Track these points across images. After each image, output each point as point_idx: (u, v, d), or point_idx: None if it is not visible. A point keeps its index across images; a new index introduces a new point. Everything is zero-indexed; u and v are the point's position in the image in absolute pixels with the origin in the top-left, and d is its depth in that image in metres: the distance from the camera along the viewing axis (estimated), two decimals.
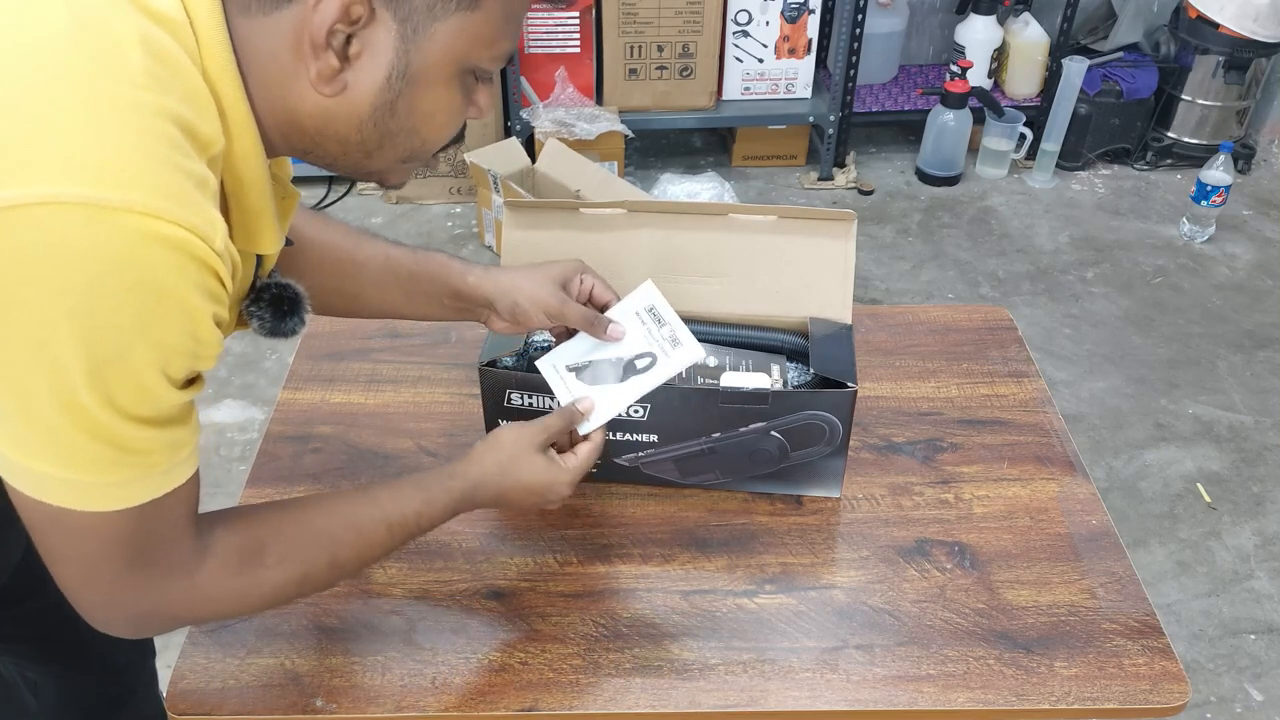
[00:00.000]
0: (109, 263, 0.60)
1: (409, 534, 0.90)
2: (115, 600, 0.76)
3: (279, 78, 0.71)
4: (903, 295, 2.87)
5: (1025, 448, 1.23)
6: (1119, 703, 0.97)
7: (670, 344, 1.04)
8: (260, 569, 0.81)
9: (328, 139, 0.75)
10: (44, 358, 0.62)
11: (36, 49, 0.62)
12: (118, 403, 0.64)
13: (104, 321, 0.62)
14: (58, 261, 0.59)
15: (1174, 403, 2.53)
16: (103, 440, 0.66)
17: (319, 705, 0.95)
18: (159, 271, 0.62)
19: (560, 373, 1.05)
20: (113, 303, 0.61)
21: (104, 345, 0.62)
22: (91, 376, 0.63)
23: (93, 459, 0.66)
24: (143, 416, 0.66)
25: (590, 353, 1.06)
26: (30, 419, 0.64)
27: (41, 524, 0.70)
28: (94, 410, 0.64)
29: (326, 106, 0.72)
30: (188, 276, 0.64)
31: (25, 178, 0.59)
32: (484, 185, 2.86)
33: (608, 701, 0.96)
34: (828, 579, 1.08)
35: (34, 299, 0.60)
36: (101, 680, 1.29)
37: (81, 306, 0.61)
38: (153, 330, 0.64)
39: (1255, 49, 3.18)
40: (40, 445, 0.65)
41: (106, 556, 0.72)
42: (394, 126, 0.74)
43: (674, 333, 1.04)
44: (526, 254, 1.19)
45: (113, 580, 0.74)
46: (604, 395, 1.02)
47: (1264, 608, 2.04)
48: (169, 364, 0.66)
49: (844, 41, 3.12)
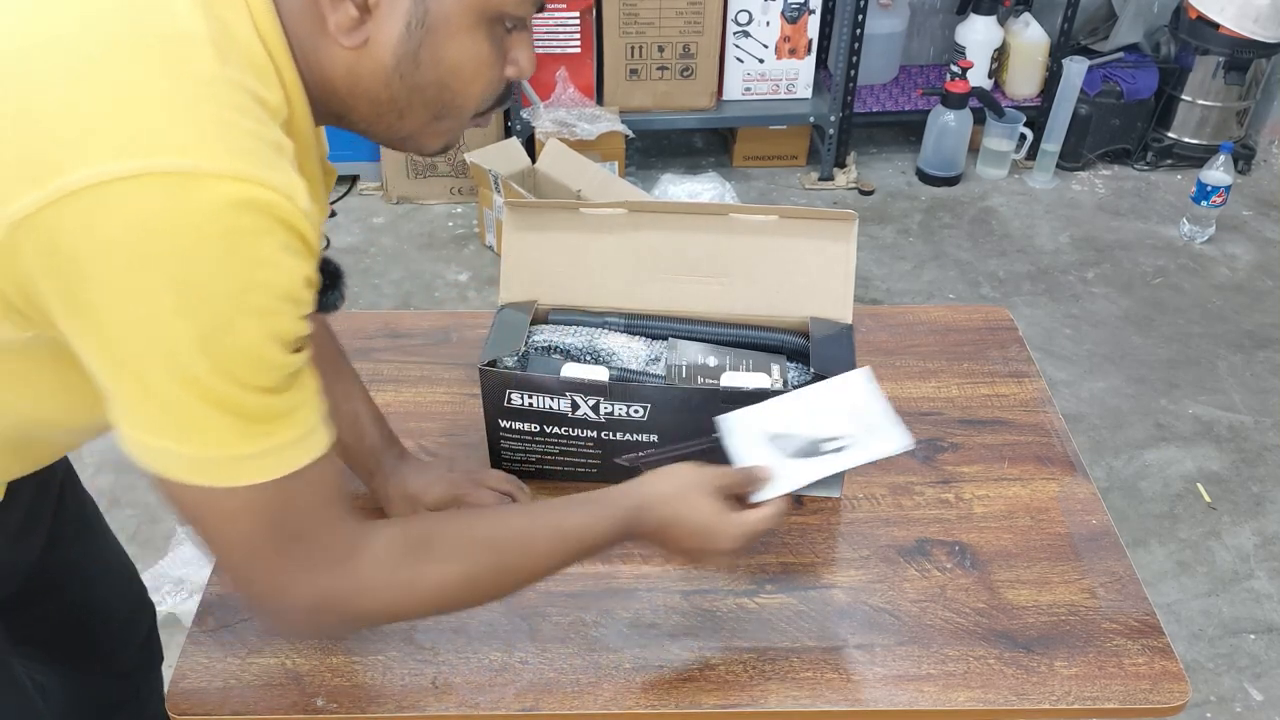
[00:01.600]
0: (203, 231, 0.61)
1: (573, 549, 0.87)
2: (279, 590, 0.75)
3: (310, 34, 0.71)
4: (903, 295, 2.87)
5: (1025, 448, 1.23)
6: (1119, 702, 0.97)
7: (873, 429, 0.98)
8: (426, 562, 0.79)
9: (359, 99, 0.75)
10: (154, 332, 0.62)
11: (100, 24, 0.63)
12: (232, 371, 0.65)
13: (205, 289, 0.62)
14: (153, 234, 0.60)
15: (1174, 403, 2.53)
16: (223, 409, 0.65)
17: (320, 705, 0.95)
18: (251, 236, 0.63)
19: (746, 433, 0.99)
20: (211, 270, 0.62)
21: (208, 312, 0.63)
22: (202, 345, 0.63)
23: (217, 430, 0.66)
24: (259, 384, 0.66)
25: (783, 422, 0.99)
26: (150, 397, 0.65)
27: (189, 510, 0.70)
28: (209, 380, 0.64)
29: (352, 62, 0.72)
30: (277, 238, 0.64)
31: (109, 155, 0.60)
32: (485, 185, 2.86)
33: (608, 701, 0.96)
34: (828, 579, 1.08)
35: (135, 274, 0.61)
36: (109, 684, 1.29)
37: (181, 277, 0.61)
38: (253, 294, 0.64)
39: (1255, 49, 3.18)
40: (165, 422, 0.66)
41: (256, 539, 0.71)
42: (420, 80, 0.74)
43: (879, 419, 0.99)
44: (527, 255, 1.19)
45: (270, 566, 0.73)
46: (789, 468, 0.95)
47: (1264, 608, 2.04)
48: (274, 326, 0.66)
49: (844, 42, 3.13)
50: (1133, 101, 3.30)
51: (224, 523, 0.71)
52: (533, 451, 1.15)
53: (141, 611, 1.29)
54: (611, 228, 1.17)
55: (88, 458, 2.24)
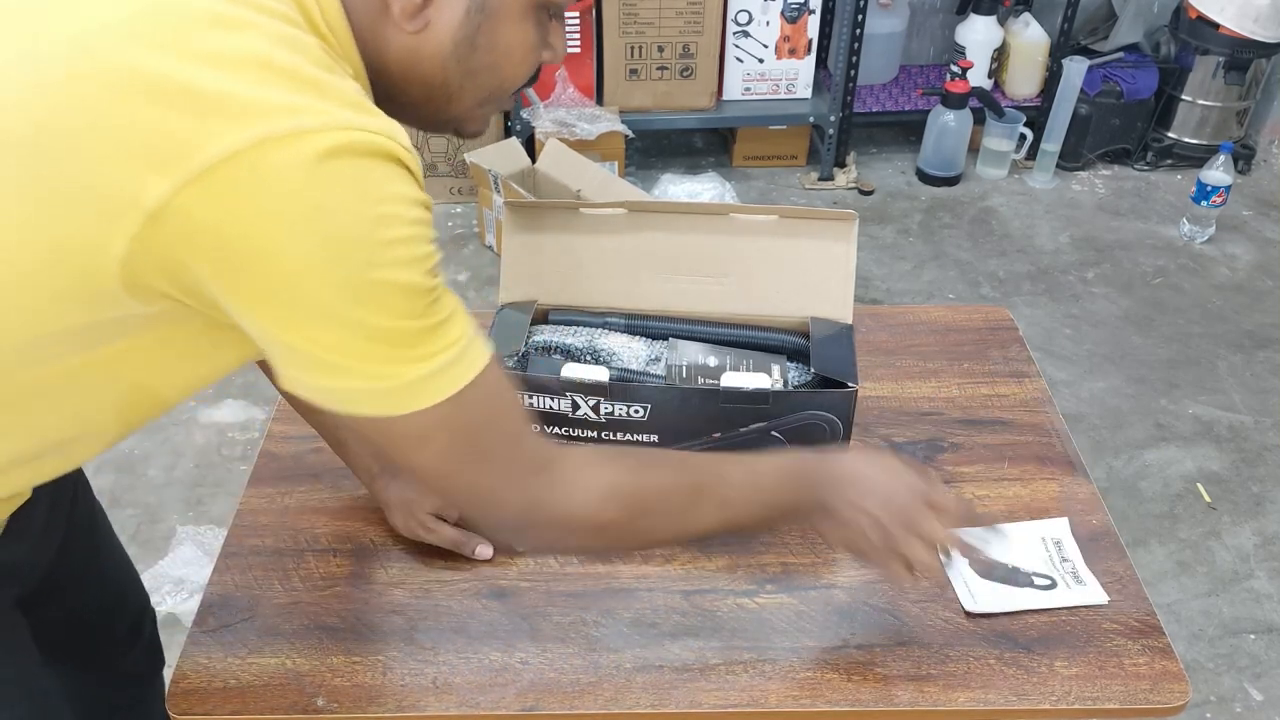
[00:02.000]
0: (326, 181, 0.64)
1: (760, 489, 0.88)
2: (487, 503, 0.80)
3: (370, 22, 0.74)
4: (903, 295, 2.87)
5: (1026, 448, 1.23)
6: (1119, 702, 0.97)
7: (1073, 578, 1.07)
8: (627, 469, 0.83)
9: (412, 83, 0.77)
10: (308, 287, 0.66)
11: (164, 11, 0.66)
12: (386, 304, 0.68)
13: (343, 235, 0.65)
14: (283, 195, 0.63)
15: (1174, 403, 2.53)
16: (387, 343, 0.69)
17: (320, 705, 0.95)
18: (369, 175, 0.66)
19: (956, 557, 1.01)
20: (343, 215, 0.65)
21: (352, 255, 0.66)
22: (354, 288, 0.66)
23: (386, 363, 0.70)
24: (412, 311, 0.69)
25: (992, 550, 1.01)
26: (318, 346, 0.68)
27: (390, 442, 0.75)
28: (368, 319, 0.68)
29: (411, 46, 0.75)
30: (391, 171, 0.68)
31: (223, 130, 0.62)
32: (485, 185, 2.86)
33: (608, 701, 0.96)
34: (828, 579, 1.08)
35: (276, 238, 0.64)
36: (114, 688, 1.29)
37: (319, 229, 0.64)
38: (386, 228, 0.67)
39: (1255, 49, 3.18)
40: (338, 365, 0.69)
41: (452, 456, 0.76)
42: (475, 63, 0.77)
43: (1075, 568, 1.08)
44: (527, 255, 1.19)
45: (473, 480, 0.78)
46: (996, 591, 1.05)
47: (1264, 608, 2.04)
48: (412, 252, 0.69)
49: (844, 42, 3.13)
50: (1133, 101, 3.30)
51: (418, 446, 0.75)
52: None
53: (144, 615, 1.29)
54: (611, 228, 1.17)
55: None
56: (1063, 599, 1.05)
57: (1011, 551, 1.09)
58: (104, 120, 0.64)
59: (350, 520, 1.13)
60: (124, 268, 0.66)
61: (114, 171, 0.64)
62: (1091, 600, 1.05)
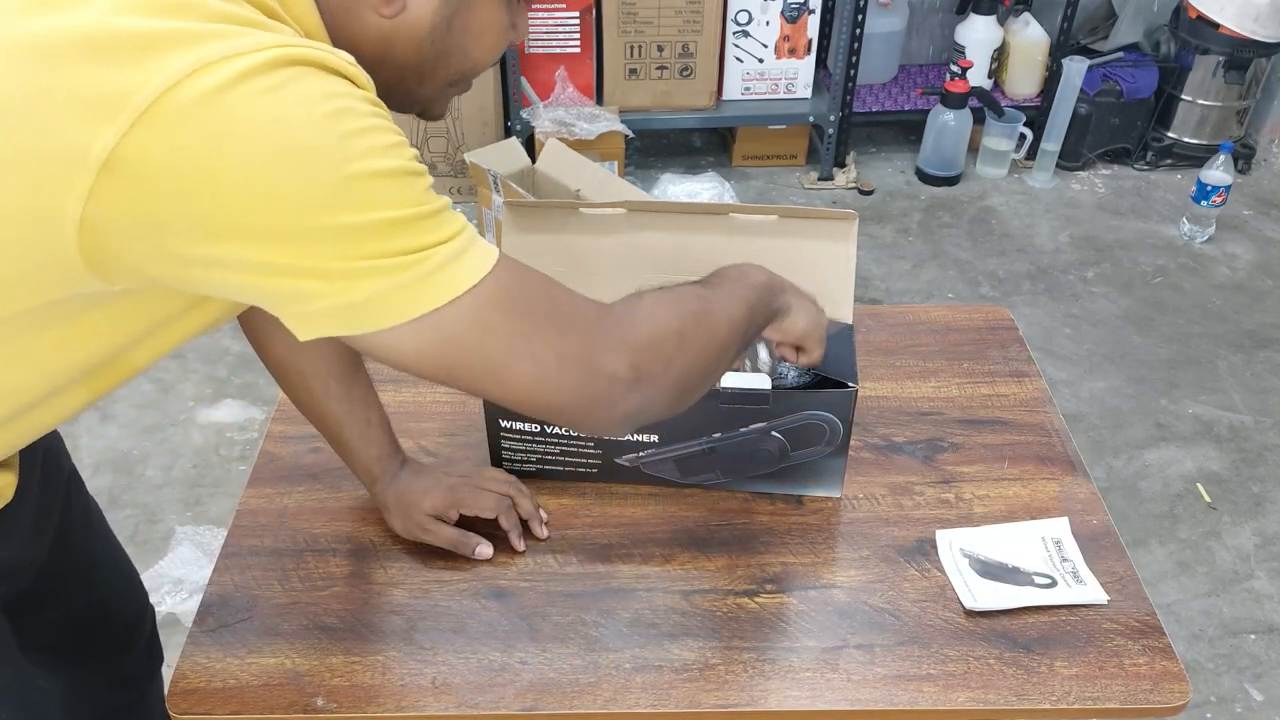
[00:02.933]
0: (273, 89, 0.62)
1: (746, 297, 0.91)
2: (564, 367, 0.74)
3: (342, 6, 0.73)
4: (903, 295, 2.87)
5: (1025, 447, 1.23)
6: (1119, 703, 0.97)
7: (1073, 577, 1.07)
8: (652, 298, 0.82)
9: (385, 66, 0.76)
10: (285, 208, 0.63)
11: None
12: (379, 195, 0.65)
13: (301, 142, 0.63)
14: (228, 113, 0.61)
15: (1174, 403, 2.53)
16: (394, 232, 0.66)
17: (319, 705, 0.95)
18: (312, 80, 0.64)
19: (956, 557, 1.09)
20: (295, 121, 0.63)
21: (320, 162, 0.63)
22: (334, 192, 0.63)
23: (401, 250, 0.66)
24: (410, 196, 0.67)
25: (993, 549, 1.10)
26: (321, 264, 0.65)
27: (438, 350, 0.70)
28: (365, 214, 0.64)
29: (387, 30, 0.75)
30: (334, 80, 0.66)
31: (164, 65, 0.61)
32: (484, 185, 2.86)
33: (608, 701, 0.96)
34: (828, 579, 1.08)
35: (235, 162, 0.62)
36: (114, 689, 1.29)
37: (274, 142, 0.62)
38: (343, 120, 0.64)
39: (1255, 49, 3.18)
40: (360, 274, 0.65)
41: (518, 327, 0.72)
42: (450, 45, 0.77)
43: (1075, 568, 1.08)
44: (527, 254, 1.18)
45: (560, 351, 0.74)
46: (996, 590, 1.06)
47: (1264, 608, 2.04)
48: (381, 140, 0.66)
49: (844, 41, 3.13)
50: (1132, 101, 3.30)
51: (476, 333, 0.70)
52: (533, 451, 1.15)
53: (143, 615, 1.29)
54: (611, 228, 1.17)
55: (87, 458, 2.24)
56: (1063, 598, 1.05)
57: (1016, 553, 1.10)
58: (42, 86, 0.62)
59: (349, 520, 1.13)
60: (82, 233, 0.63)
61: (59, 134, 0.61)
62: (1091, 600, 1.05)
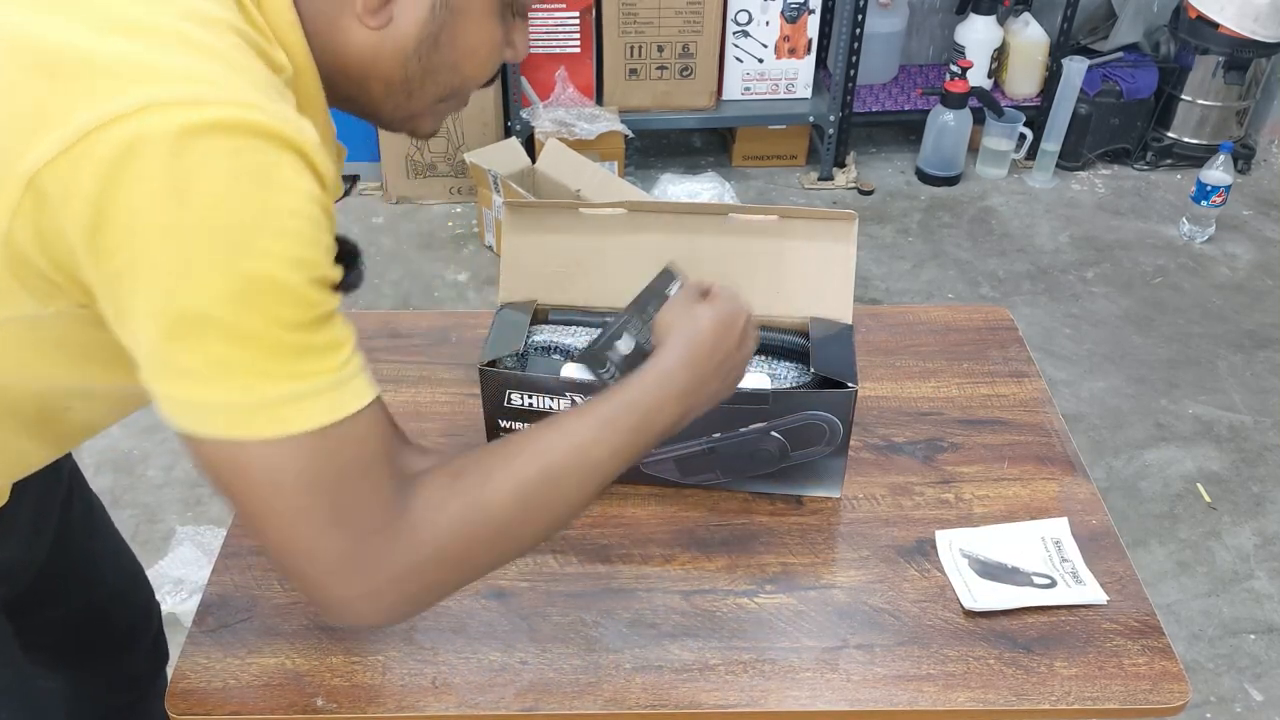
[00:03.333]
0: (214, 155, 0.60)
1: (631, 426, 0.82)
2: (334, 569, 0.69)
3: (327, 17, 0.71)
4: (903, 295, 2.87)
5: (1025, 448, 1.23)
6: (1119, 703, 0.97)
7: (1072, 578, 1.07)
8: (470, 491, 0.74)
9: (372, 79, 0.75)
10: (176, 264, 0.60)
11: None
12: (258, 302, 0.62)
13: (221, 213, 0.60)
14: (164, 163, 0.59)
15: (1174, 403, 2.53)
16: (254, 347, 0.62)
17: (319, 705, 0.95)
18: (260, 157, 0.62)
19: (956, 557, 1.09)
20: (224, 193, 0.60)
21: (227, 237, 0.61)
22: (225, 274, 0.61)
23: (249, 371, 0.63)
24: (288, 318, 0.63)
25: (993, 549, 1.10)
26: (177, 340, 0.62)
27: (227, 473, 0.66)
28: (237, 313, 0.61)
29: (373, 43, 0.73)
30: (286, 160, 0.63)
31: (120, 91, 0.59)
32: (484, 185, 2.86)
33: (608, 701, 0.96)
34: (828, 579, 1.08)
35: (151, 206, 0.60)
36: (116, 688, 1.29)
37: (196, 202, 0.60)
38: (270, 216, 0.62)
39: (1255, 49, 3.18)
40: (196, 368, 0.62)
41: (301, 506, 0.66)
42: (438, 61, 0.75)
43: (1075, 568, 1.08)
44: (527, 254, 1.19)
45: (320, 542, 0.68)
46: (997, 590, 1.06)
47: (1264, 608, 2.04)
48: (295, 249, 0.63)
49: (844, 41, 3.12)
50: (1132, 101, 3.30)
51: (266, 482, 0.65)
52: None
53: (149, 614, 1.29)
54: (611, 228, 1.17)
55: (88, 458, 2.24)
56: (1062, 598, 1.05)
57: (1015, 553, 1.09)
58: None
59: None
60: (6, 247, 0.62)
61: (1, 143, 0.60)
62: (1091, 600, 1.05)
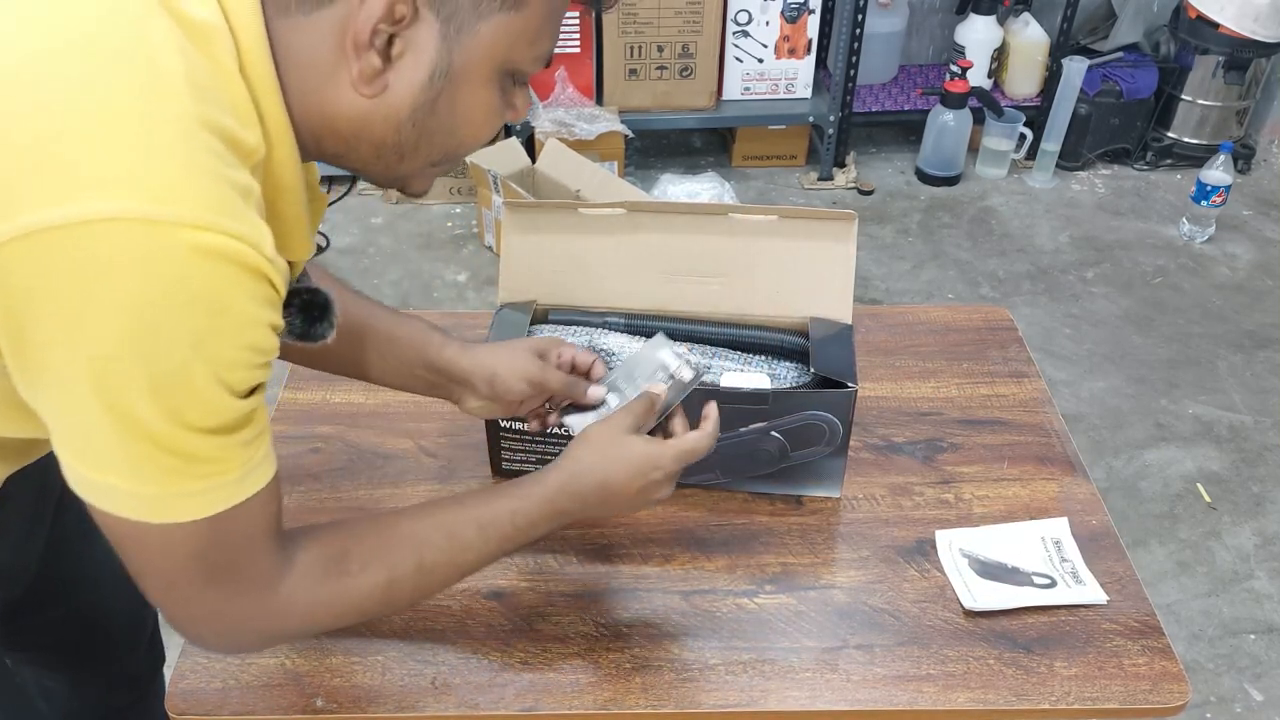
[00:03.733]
0: (165, 280, 0.59)
1: (505, 535, 0.86)
2: (201, 617, 0.75)
3: (316, 80, 0.69)
4: (903, 295, 2.87)
5: (1025, 448, 1.23)
6: (1119, 703, 0.97)
7: (1072, 578, 1.07)
8: (344, 577, 0.79)
9: (363, 142, 0.73)
10: (102, 375, 0.61)
11: (72, 57, 0.60)
12: (180, 416, 0.63)
13: (162, 338, 0.61)
14: (114, 279, 0.59)
15: (1174, 403, 2.53)
16: (167, 451, 0.64)
17: (319, 705, 0.95)
18: (216, 286, 0.61)
19: (956, 557, 1.09)
20: (170, 319, 0.61)
21: (163, 361, 0.61)
22: (152, 392, 0.62)
23: (159, 470, 0.65)
24: (207, 427, 0.65)
25: (993, 549, 1.10)
26: (93, 433, 0.63)
27: (120, 540, 0.69)
28: (156, 423, 0.63)
29: (365, 108, 0.71)
30: (243, 287, 0.63)
31: (74, 196, 0.58)
32: (484, 185, 2.86)
33: (608, 701, 0.96)
34: (828, 579, 1.08)
35: (90, 316, 0.59)
36: (115, 689, 1.30)
37: (138, 324, 0.60)
38: (211, 344, 0.63)
39: (1255, 49, 3.18)
40: (106, 459, 0.65)
41: (185, 571, 0.71)
42: (433, 126, 0.73)
43: (1075, 568, 1.08)
44: (527, 255, 1.19)
45: (195, 597, 0.73)
46: (997, 590, 1.06)
47: (1264, 608, 2.04)
48: (230, 376, 0.65)
49: (844, 41, 3.13)
50: (1132, 101, 3.30)
51: (157, 556, 0.70)
52: (533, 452, 1.15)
53: (145, 614, 1.29)
54: (611, 228, 1.17)
55: None
56: (1062, 598, 1.05)
57: (1015, 553, 1.10)
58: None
59: None
60: None
61: None
62: (1091, 600, 1.05)
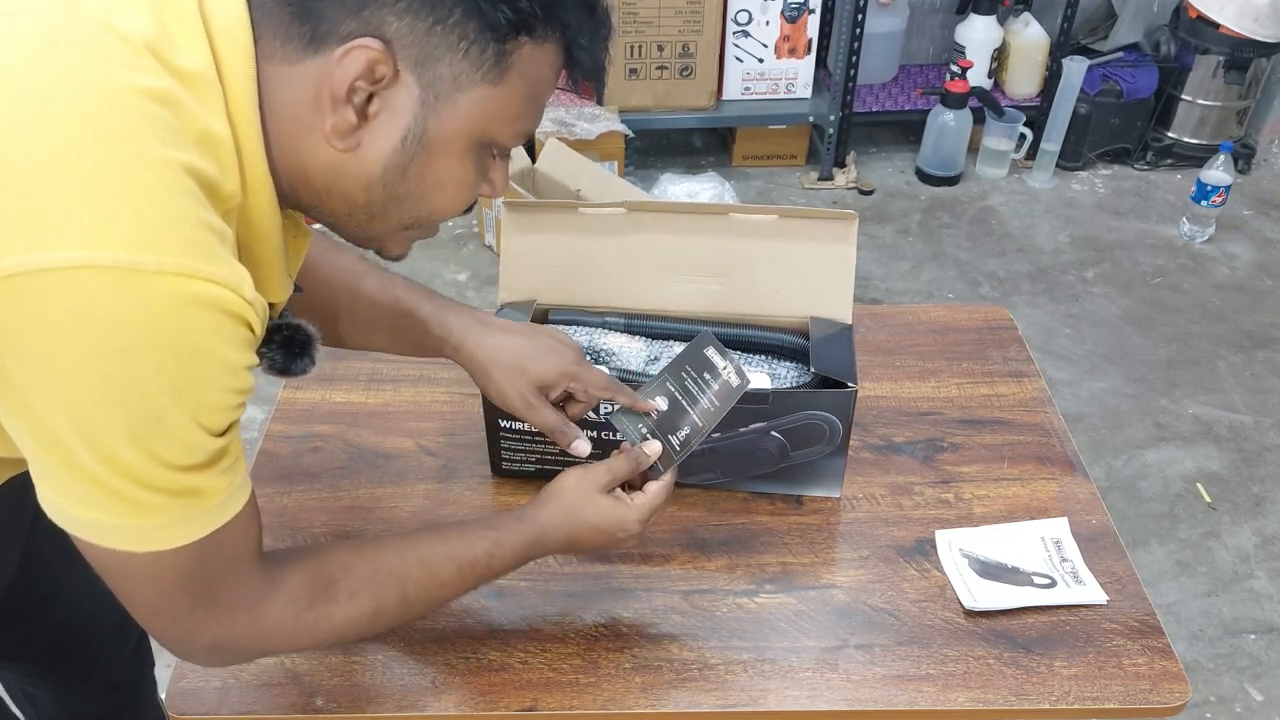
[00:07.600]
0: (144, 327, 0.60)
1: (480, 575, 0.90)
2: (188, 636, 0.76)
3: (294, 128, 0.70)
4: (903, 295, 2.87)
5: (1025, 448, 1.23)
6: (1119, 703, 0.97)
7: (1072, 578, 1.07)
8: (331, 604, 0.81)
9: (334, 196, 0.74)
10: (82, 420, 0.62)
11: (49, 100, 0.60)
12: (160, 456, 0.65)
13: (140, 385, 0.61)
14: (92, 327, 0.59)
15: (1174, 403, 2.53)
16: (149, 488, 0.66)
17: (319, 705, 0.95)
18: (195, 332, 0.62)
19: (955, 557, 1.09)
20: (149, 367, 0.61)
21: (141, 408, 0.62)
22: (131, 437, 0.63)
23: (139, 505, 0.66)
24: (185, 464, 0.66)
25: (993, 549, 1.10)
26: (73, 471, 0.64)
27: (105, 568, 0.71)
28: (136, 464, 0.64)
29: (337, 162, 0.71)
30: (221, 333, 0.64)
31: (56, 242, 0.58)
32: None
33: (608, 701, 0.96)
34: (828, 579, 1.08)
35: (69, 364, 0.60)
36: (103, 695, 1.29)
37: (117, 371, 0.60)
38: (189, 390, 0.64)
39: (1255, 49, 3.18)
40: (87, 495, 0.65)
41: (170, 595, 0.72)
42: (402, 191, 0.73)
43: (1075, 568, 1.08)
44: (527, 254, 1.19)
45: (181, 618, 0.75)
46: (997, 590, 1.06)
47: (1264, 608, 2.04)
48: (208, 419, 0.66)
49: (844, 41, 3.12)
50: (1132, 101, 3.30)
51: (143, 582, 0.72)
52: (533, 452, 1.15)
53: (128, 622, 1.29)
54: (611, 228, 1.17)
55: None
56: (1062, 598, 1.05)
57: (1016, 553, 1.09)
58: None
59: (349, 520, 1.13)
60: None
61: None
62: (1091, 600, 1.05)
